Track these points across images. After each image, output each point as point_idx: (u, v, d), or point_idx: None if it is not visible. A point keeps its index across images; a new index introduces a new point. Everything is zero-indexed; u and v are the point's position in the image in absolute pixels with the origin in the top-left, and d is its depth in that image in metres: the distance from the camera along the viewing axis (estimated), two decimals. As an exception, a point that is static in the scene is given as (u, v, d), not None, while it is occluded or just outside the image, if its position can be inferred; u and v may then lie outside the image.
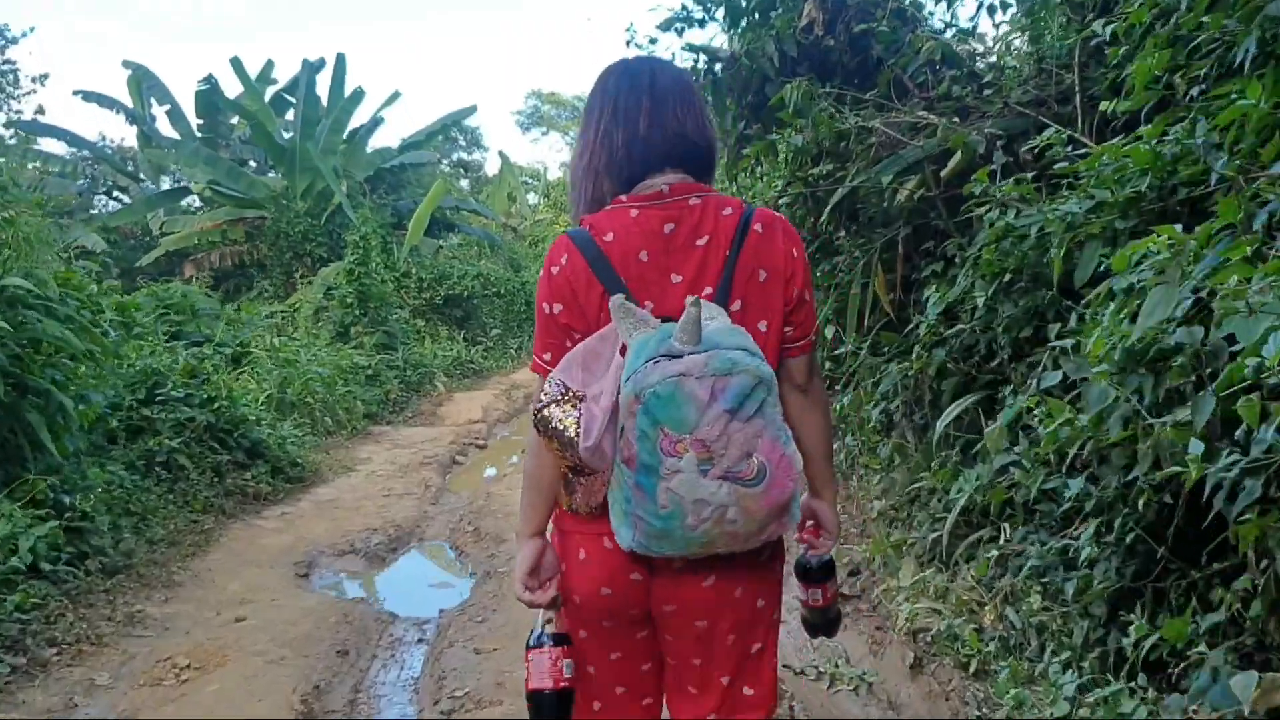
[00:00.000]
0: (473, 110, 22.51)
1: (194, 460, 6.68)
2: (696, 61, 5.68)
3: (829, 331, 5.41)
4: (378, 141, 21.10)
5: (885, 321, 5.04)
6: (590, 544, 1.89)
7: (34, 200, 6.54)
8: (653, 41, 6.08)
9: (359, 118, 20.25)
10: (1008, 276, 3.92)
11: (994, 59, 5.06)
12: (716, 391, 1.61)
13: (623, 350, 1.74)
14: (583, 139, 1.98)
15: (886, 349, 4.99)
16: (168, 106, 20.93)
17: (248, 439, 7.27)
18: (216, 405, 7.08)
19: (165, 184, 22.09)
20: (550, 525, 1.96)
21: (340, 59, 18.95)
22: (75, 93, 27.56)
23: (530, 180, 34.81)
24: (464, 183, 37.51)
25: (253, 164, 21.34)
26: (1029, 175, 4.10)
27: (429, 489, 8.00)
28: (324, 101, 19.19)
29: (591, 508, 1.84)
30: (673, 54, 5.75)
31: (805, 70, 5.15)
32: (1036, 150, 4.22)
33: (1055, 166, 3.83)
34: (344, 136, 19.26)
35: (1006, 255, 3.93)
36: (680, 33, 5.84)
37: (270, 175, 19.86)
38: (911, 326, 4.47)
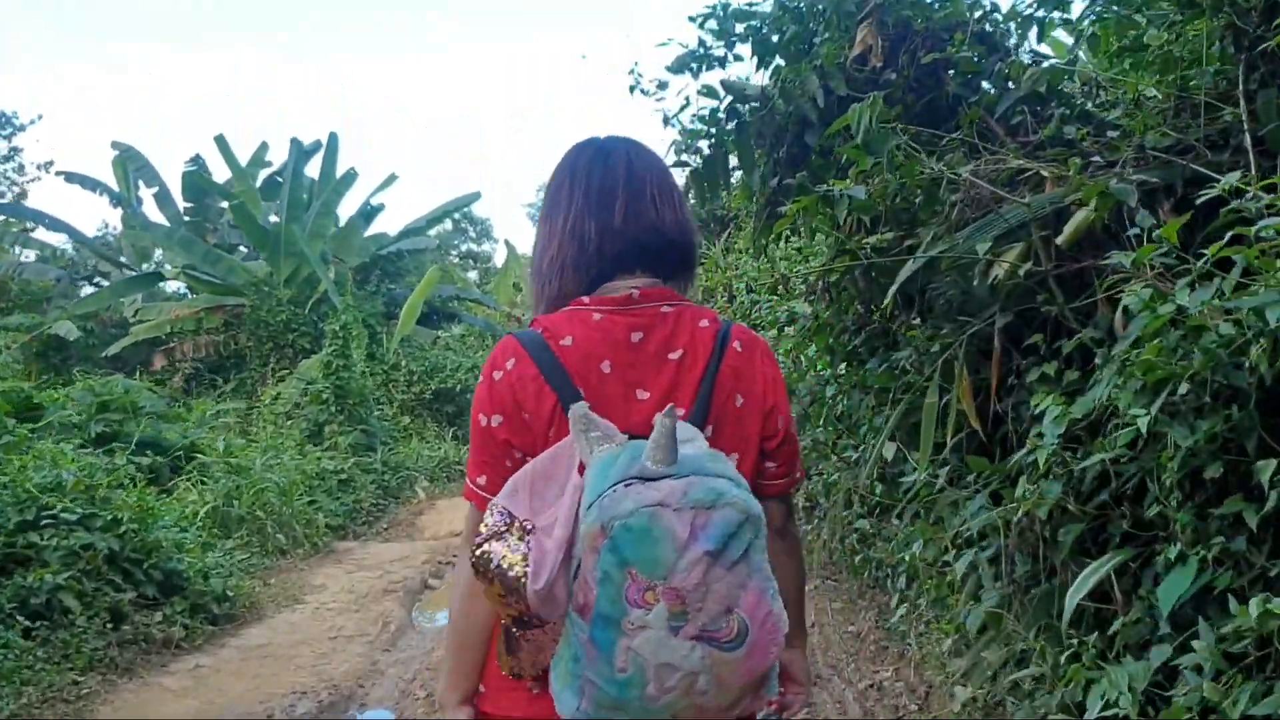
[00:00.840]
0: (476, 197, 21.57)
1: (85, 600, 5.38)
2: (718, 108, 4.51)
3: (888, 451, 4.14)
4: (377, 228, 20.16)
5: (970, 441, 3.77)
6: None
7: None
8: (662, 86, 4.93)
9: (353, 201, 19.40)
10: (1183, 388, 2.67)
11: (1105, 94, 3.87)
12: (697, 528, 1.34)
13: (581, 470, 1.48)
14: (546, 228, 1.78)
15: (974, 479, 3.72)
16: (155, 189, 20.09)
17: (161, 570, 5.97)
18: (123, 529, 5.80)
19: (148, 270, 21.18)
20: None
21: (332, 138, 18.08)
22: (58, 173, 26.91)
23: None
24: (472, 274, 37.11)
25: (243, 250, 20.37)
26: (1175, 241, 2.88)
27: (387, 627, 6.66)
28: (316, 184, 18.32)
29: (540, 670, 1.53)
30: (686, 99, 4.57)
31: (857, 113, 3.97)
32: (1197, 203, 3.01)
33: (1226, 226, 2.61)
34: (335, 221, 18.30)
35: (1175, 355, 2.69)
36: (696, 73, 4.68)
37: (258, 262, 18.89)
38: (1025, 452, 3.20)
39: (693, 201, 4.49)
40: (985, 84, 4.17)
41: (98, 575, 5.56)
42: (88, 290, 21.15)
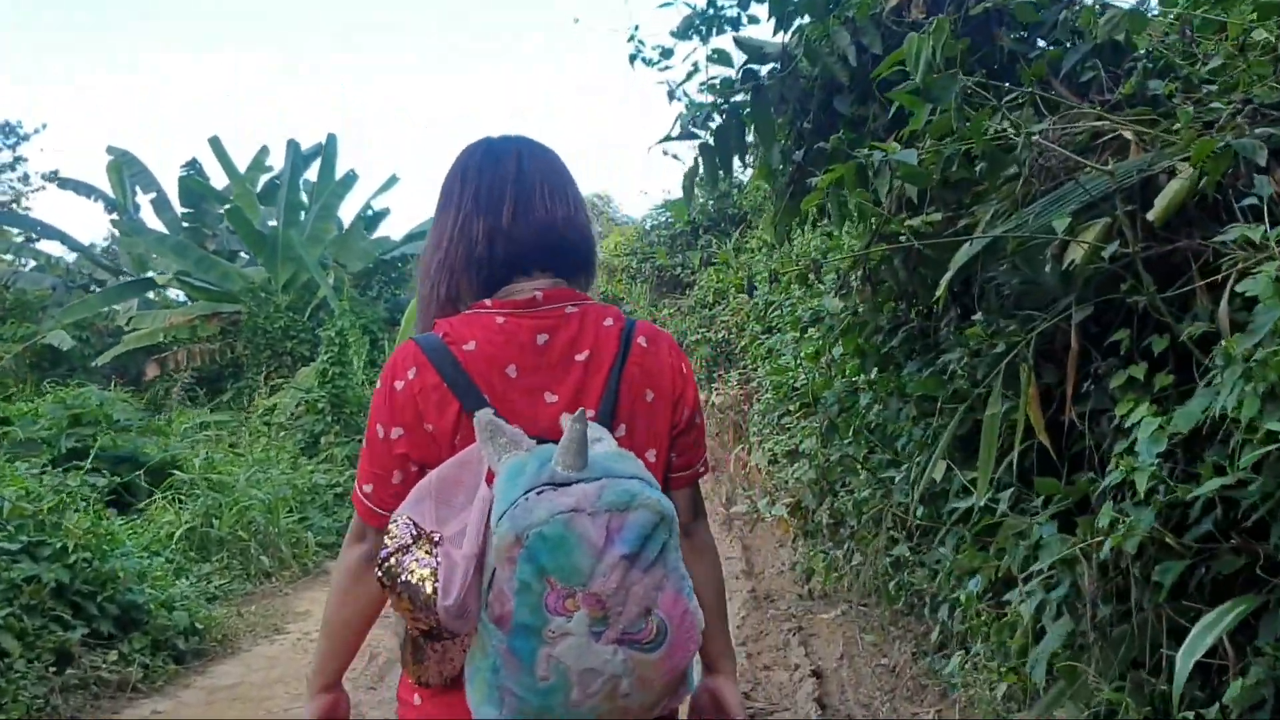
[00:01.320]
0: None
1: (26, 640, 4.82)
2: (732, 77, 3.93)
3: (938, 471, 3.55)
4: (381, 233, 19.62)
5: (1037, 456, 3.19)
6: None
7: None
8: (666, 54, 4.37)
9: (354, 204, 18.92)
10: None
11: (1198, 44, 3.28)
12: (613, 532, 1.34)
13: (490, 479, 1.45)
14: (437, 228, 1.74)
15: (1042, 503, 3.14)
16: (153, 195, 19.64)
17: (118, 603, 5.41)
18: (73, 558, 5.24)
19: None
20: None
21: (330, 140, 17.59)
22: (50, 177, 26.56)
23: None
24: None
25: (244, 256, 19.88)
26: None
27: (374, 660, 6.09)
28: (315, 187, 17.83)
29: (447, 679, 1.53)
30: (694, 66, 3.99)
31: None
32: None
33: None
34: (335, 224, 17.80)
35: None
36: (705, 37, 4.10)
37: (256, 268, 18.40)
38: (1113, 472, 2.61)
39: (701, 179, 3.88)
40: (1042, 42, 3.59)
41: (42, 611, 5.00)
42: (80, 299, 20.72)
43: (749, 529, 11.23)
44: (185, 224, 18.94)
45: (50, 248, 22.22)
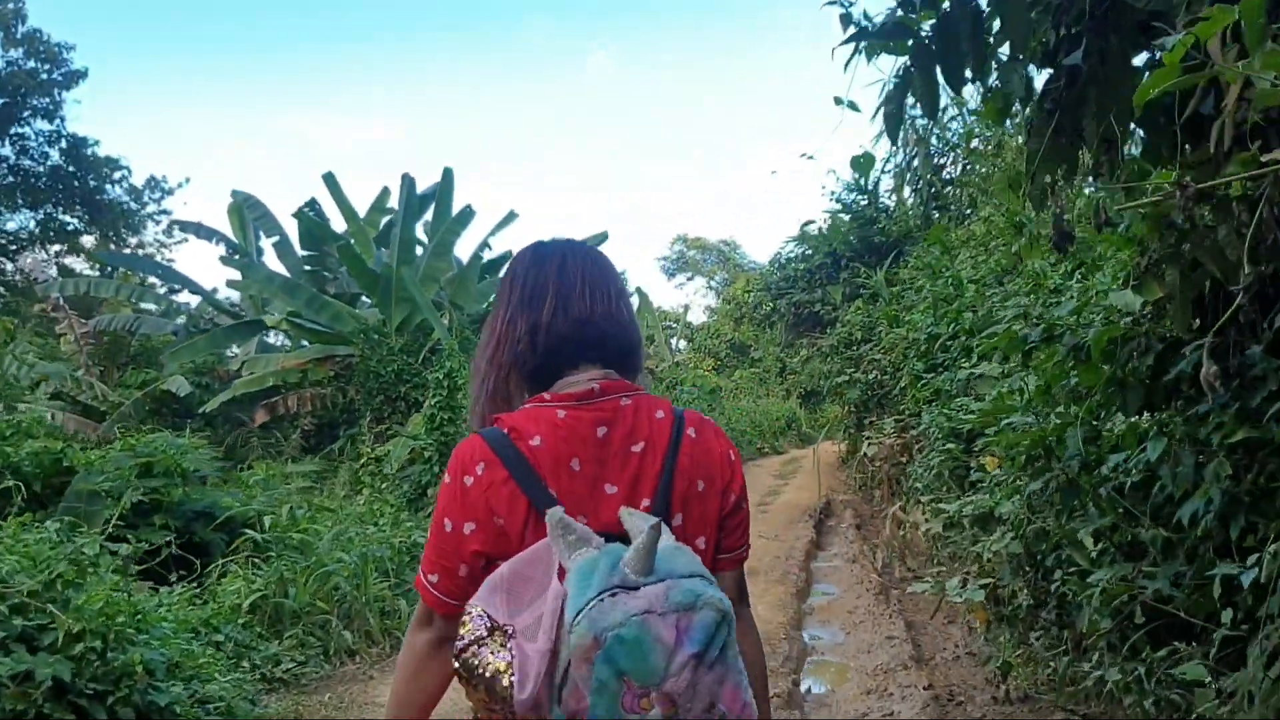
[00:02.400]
0: (604, 238, 20.04)
1: (6, 759, 3.76)
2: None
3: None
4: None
5: None
6: None
7: None
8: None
9: (470, 242, 18.12)
10: None
11: None
12: (681, 632, 1.42)
13: (561, 574, 1.54)
14: (488, 328, 1.89)
15: None
16: (276, 238, 19.23)
17: (135, 704, 4.31)
18: (79, 649, 4.17)
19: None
20: None
21: (447, 174, 16.84)
22: (173, 223, 26.67)
23: (672, 325, 32.86)
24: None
25: (366, 301, 19.33)
26: None
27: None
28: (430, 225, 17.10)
29: None
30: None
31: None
32: None
33: None
34: (452, 263, 17.00)
35: None
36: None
37: (372, 310, 17.73)
38: None
39: (915, 95, 2.58)
40: None
41: (37, 717, 3.93)
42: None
43: (912, 604, 9.72)
44: (307, 267, 18.45)
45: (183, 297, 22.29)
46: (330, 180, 16.81)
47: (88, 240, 30.60)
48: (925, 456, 8.51)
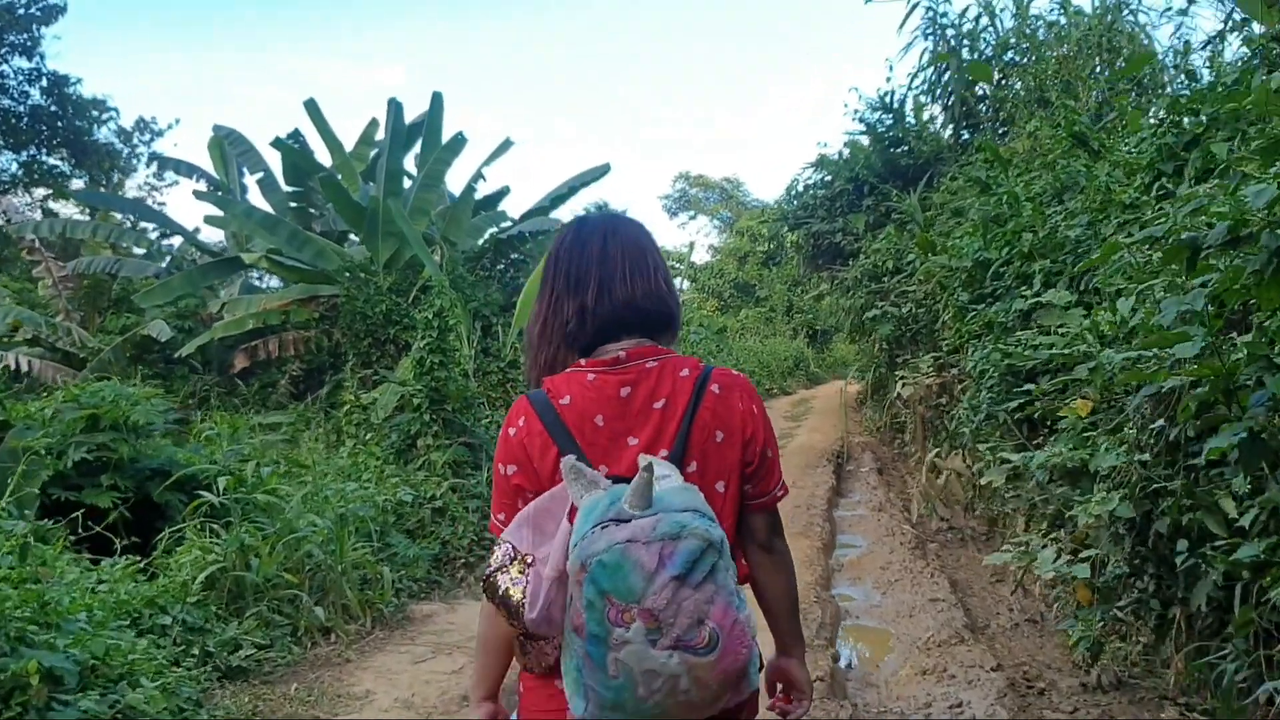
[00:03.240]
0: (606, 170, 18.91)
1: None
2: None
3: None
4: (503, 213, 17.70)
5: None
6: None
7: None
8: None
9: (463, 173, 17.04)
10: None
11: None
12: (664, 557, 1.64)
13: (572, 514, 1.78)
14: (538, 304, 2.07)
15: None
16: (260, 174, 18.14)
17: (30, 725, 3.42)
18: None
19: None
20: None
21: (436, 99, 15.71)
22: (151, 158, 25.55)
23: (676, 265, 31.72)
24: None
25: (355, 239, 18.28)
26: None
27: None
28: (419, 154, 16.00)
29: (545, 668, 1.87)
30: None
31: None
32: None
33: None
34: (443, 196, 15.96)
35: None
36: None
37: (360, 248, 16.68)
38: None
39: None
40: None
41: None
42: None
43: (950, 557, 8.86)
44: (292, 204, 17.39)
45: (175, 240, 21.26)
46: (312, 108, 15.71)
47: (76, 185, 29.47)
48: (971, 397, 7.59)
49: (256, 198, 18.36)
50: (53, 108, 27.57)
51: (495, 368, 13.89)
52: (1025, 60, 12.01)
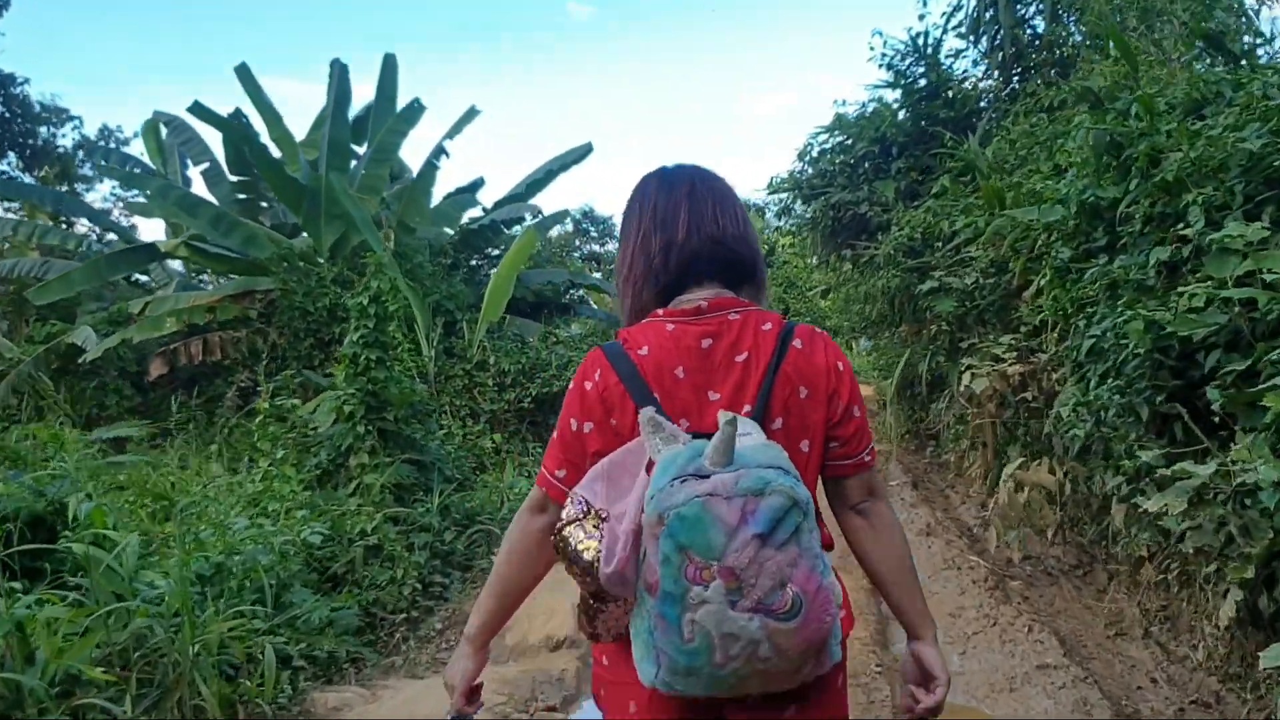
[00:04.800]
0: (588, 150, 16.90)
1: None
2: None
3: None
4: (476, 212, 15.73)
5: None
6: (638, 693, 1.79)
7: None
8: None
9: (418, 144, 15.04)
10: None
11: None
12: (747, 514, 1.58)
13: (649, 468, 1.73)
14: (622, 249, 2.06)
15: None
16: (206, 164, 16.07)
17: None
18: None
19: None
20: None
21: (389, 61, 13.70)
22: (77, 146, 23.48)
23: None
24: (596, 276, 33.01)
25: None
26: None
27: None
28: (370, 121, 13.97)
29: (614, 636, 1.81)
30: None
31: None
32: None
33: None
34: (397, 170, 13.95)
35: None
36: None
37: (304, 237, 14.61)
38: None
39: None
40: None
41: None
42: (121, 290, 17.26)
43: (1044, 602, 6.86)
44: (239, 196, 15.33)
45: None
46: (244, 74, 13.68)
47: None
48: (1084, 388, 5.62)
49: (203, 191, 16.36)
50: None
51: (460, 370, 11.90)
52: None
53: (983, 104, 10.75)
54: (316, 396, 10.05)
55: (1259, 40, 5.87)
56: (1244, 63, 5.76)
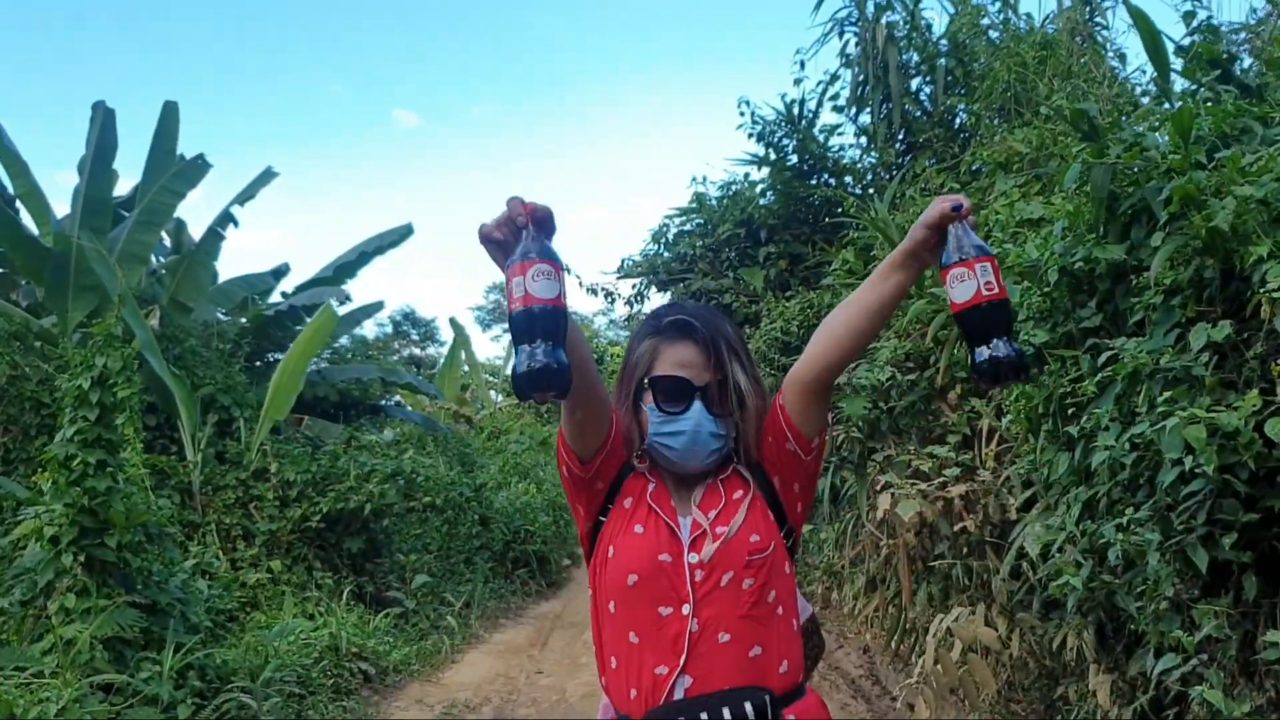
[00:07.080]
0: (408, 231, 15.07)
1: None
2: None
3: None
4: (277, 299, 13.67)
5: None
6: None
7: None
8: None
9: (199, 207, 12.98)
10: None
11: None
12: None
13: None
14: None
15: None
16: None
17: None
18: None
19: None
20: None
21: (168, 109, 11.65)
22: None
23: (490, 378, 28.46)
24: (413, 375, 30.89)
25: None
26: None
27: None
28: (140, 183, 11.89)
29: None
30: None
31: None
32: None
33: None
34: (174, 237, 11.87)
35: None
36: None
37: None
38: None
39: None
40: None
41: None
42: None
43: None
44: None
45: None
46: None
47: None
48: (1063, 519, 4.16)
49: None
50: None
51: (233, 480, 9.76)
52: (978, 62, 9.09)
53: (869, 178, 9.56)
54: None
55: (1271, 74, 4.68)
56: (1264, 97, 4.53)
